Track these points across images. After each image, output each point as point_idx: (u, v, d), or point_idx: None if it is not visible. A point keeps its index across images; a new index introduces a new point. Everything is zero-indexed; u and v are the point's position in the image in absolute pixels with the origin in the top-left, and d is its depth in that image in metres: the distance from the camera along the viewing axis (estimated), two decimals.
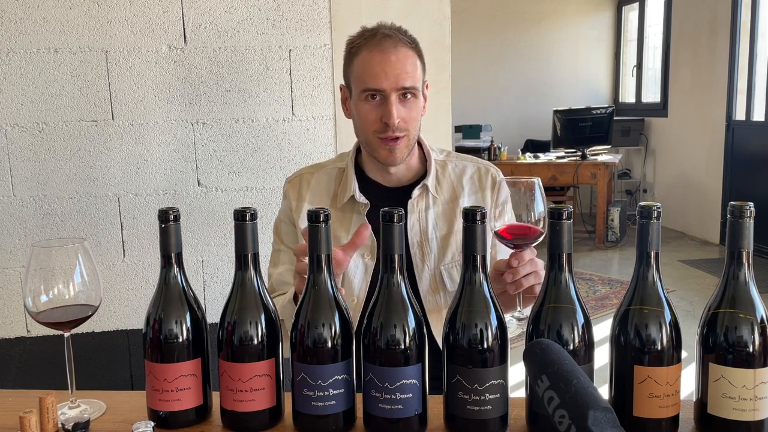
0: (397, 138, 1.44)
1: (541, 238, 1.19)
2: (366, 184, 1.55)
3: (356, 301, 1.51)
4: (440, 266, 1.52)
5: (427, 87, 1.52)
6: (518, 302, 1.22)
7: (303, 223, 1.56)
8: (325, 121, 2.31)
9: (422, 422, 1.01)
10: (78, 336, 2.09)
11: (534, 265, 1.19)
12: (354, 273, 1.52)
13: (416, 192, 1.52)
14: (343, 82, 1.54)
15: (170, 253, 1.05)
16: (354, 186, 1.53)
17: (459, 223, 1.48)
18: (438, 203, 1.54)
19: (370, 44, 1.44)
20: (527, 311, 1.20)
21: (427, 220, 1.53)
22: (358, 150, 1.59)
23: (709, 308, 0.99)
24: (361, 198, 1.52)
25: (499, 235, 1.18)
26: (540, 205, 1.17)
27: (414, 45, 1.47)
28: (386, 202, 1.52)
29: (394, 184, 1.55)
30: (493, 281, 1.19)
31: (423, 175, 1.55)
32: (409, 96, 1.44)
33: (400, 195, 1.53)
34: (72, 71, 2.19)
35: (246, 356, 1.02)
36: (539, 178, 1.20)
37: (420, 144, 1.57)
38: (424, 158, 1.57)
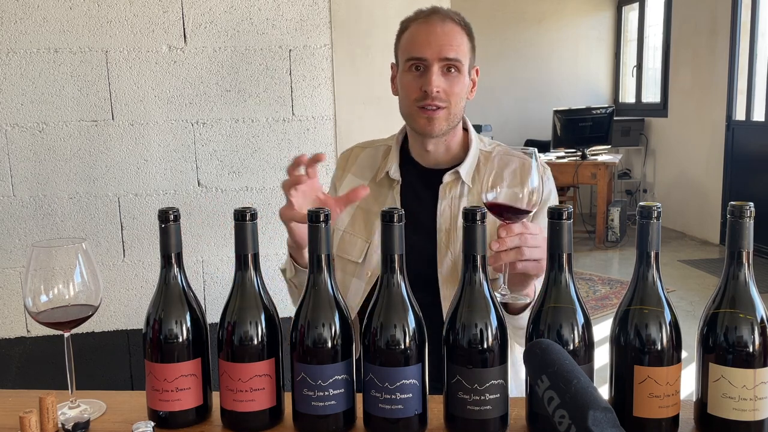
0: (437, 108, 1.42)
1: (530, 214, 1.15)
2: (406, 164, 1.55)
3: None
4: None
5: (477, 73, 1.51)
6: (504, 279, 1.17)
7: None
8: (325, 121, 2.31)
9: (422, 422, 1.01)
10: (78, 336, 2.09)
11: (524, 241, 1.12)
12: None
13: (447, 178, 1.50)
14: (393, 60, 1.54)
15: (170, 253, 1.05)
16: (392, 163, 1.54)
17: (488, 216, 1.47)
18: (473, 192, 1.50)
19: (419, 19, 1.46)
20: (531, 299, 1.20)
21: (459, 207, 1.50)
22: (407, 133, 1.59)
23: (709, 308, 0.99)
24: (395, 174, 1.53)
25: (488, 207, 1.13)
26: (535, 180, 1.13)
27: (464, 25, 1.47)
28: (419, 182, 1.53)
29: (431, 165, 1.54)
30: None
31: (461, 161, 1.52)
32: (453, 70, 1.43)
33: (434, 177, 1.52)
34: (72, 71, 2.19)
35: (246, 356, 1.02)
36: (536, 149, 1.15)
37: (466, 130, 1.55)
38: (468, 146, 1.54)
